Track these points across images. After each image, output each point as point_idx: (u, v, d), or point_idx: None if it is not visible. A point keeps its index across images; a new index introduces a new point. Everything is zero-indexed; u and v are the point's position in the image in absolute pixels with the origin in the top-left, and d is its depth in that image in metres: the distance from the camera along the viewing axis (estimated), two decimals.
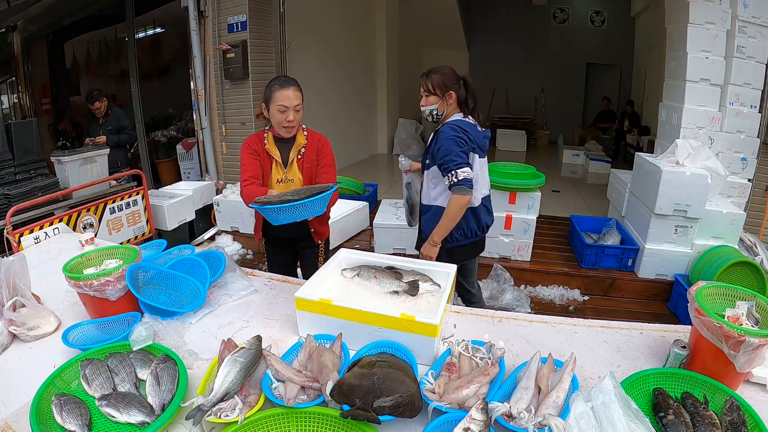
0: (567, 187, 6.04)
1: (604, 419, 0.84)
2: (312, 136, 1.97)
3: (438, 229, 1.92)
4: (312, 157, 1.95)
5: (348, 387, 1.01)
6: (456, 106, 1.96)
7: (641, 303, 3.24)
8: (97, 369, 1.13)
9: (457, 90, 1.93)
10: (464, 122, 1.92)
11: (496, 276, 3.32)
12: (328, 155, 1.99)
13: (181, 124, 5.91)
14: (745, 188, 3.47)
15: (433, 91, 1.92)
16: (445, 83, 1.91)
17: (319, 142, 1.97)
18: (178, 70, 5.49)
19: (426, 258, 1.96)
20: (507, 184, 3.32)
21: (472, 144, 1.91)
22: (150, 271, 1.53)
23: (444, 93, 1.92)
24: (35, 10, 5.62)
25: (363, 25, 7.20)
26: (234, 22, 4.24)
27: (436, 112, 1.95)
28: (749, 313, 1.12)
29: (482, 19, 9.36)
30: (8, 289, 1.38)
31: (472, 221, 2.04)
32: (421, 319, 1.19)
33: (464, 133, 1.87)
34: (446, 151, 1.83)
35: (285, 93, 1.80)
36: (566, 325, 1.45)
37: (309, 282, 1.42)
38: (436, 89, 1.92)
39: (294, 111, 1.82)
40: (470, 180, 1.82)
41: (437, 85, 1.91)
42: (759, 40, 3.39)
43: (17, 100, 6.02)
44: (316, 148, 1.95)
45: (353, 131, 7.17)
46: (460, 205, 1.85)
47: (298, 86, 1.86)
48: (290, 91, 1.81)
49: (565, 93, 9.54)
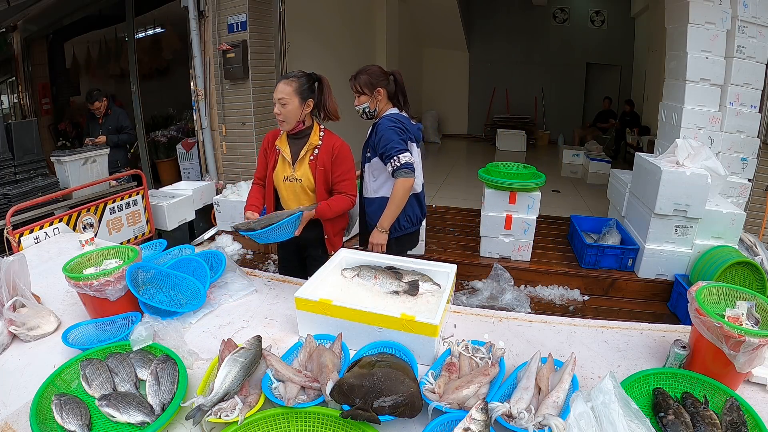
0: (567, 187, 6.03)
1: (604, 419, 0.84)
2: (328, 138, 1.89)
3: (386, 215, 1.97)
4: (326, 160, 1.86)
5: (348, 387, 1.01)
6: (387, 101, 2.06)
7: (641, 303, 3.24)
8: (97, 369, 1.13)
9: (385, 86, 2.03)
10: (400, 115, 2.04)
11: (496, 276, 3.32)
12: (346, 162, 1.89)
13: (181, 124, 5.90)
14: (745, 188, 3.47)
15: (362, 91, 2.03)
16: (372, 82, 2.01)
17: (336, 147, 1.88)
18: (178, 70, 5.50)
19: (376, 247, 1.98)
20: (507, 184, 3.32)
21: (409, 134, 2.02)
22: (150, 271, 1.53)
23: (372, 91, 2.02)
24: (35, 10, 5.62)
25: (363, 25, 7.20)
26: (234, 22, 4.24)
27: (368, 109, 2.05)
28: (749, 313, 1.12)
29: (482, 19, 9.36)
30: (8, 289, 1.38)
31: (416, 207, 2.13)
32: (421, 319, 1.19)
33: (401, 124, 1.99)
34: (387, 140, 1.93)
35: (276, 86, 1.81)
36: (566, 325, 1.45)
37: (309, 282, 1.42)
38: (364, 89, 2.02)
39: (279, 104, 1.79)
40: (412, 164, 1.92)
41: (365, 84, 2.01)
42: (759, 40, 3.39)
43: (17, 99, 6.01)
44: (331, 151, 1.87)
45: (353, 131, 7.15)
46: (406, 188, 1.93)
47: (290, 79, 1.80)
48: (280, 84, 1.79)
49: (565, 93, 9.54)
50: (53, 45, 6.26)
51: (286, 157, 1.89)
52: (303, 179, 1.88)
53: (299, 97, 1.79)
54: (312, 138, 1.87)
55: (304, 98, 1.81)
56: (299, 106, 1.80)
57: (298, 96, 1.79)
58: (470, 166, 7.27)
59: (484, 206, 3.54)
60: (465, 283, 3.47)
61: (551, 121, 9.71)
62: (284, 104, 1.78)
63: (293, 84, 1.79)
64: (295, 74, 1.82)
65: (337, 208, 1.89)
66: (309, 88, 1.82)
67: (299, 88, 1.79)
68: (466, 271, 3.50)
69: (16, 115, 5.98)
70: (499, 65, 9.64)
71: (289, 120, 1.82)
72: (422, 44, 9.60)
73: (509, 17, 9.27)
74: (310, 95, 1.83)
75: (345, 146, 1.91)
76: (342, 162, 1.88)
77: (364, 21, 7.21)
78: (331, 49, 6.19)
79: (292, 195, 1.93)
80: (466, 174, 6.66)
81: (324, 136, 1.89)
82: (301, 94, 1.80)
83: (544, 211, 3.72)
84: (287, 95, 1.78)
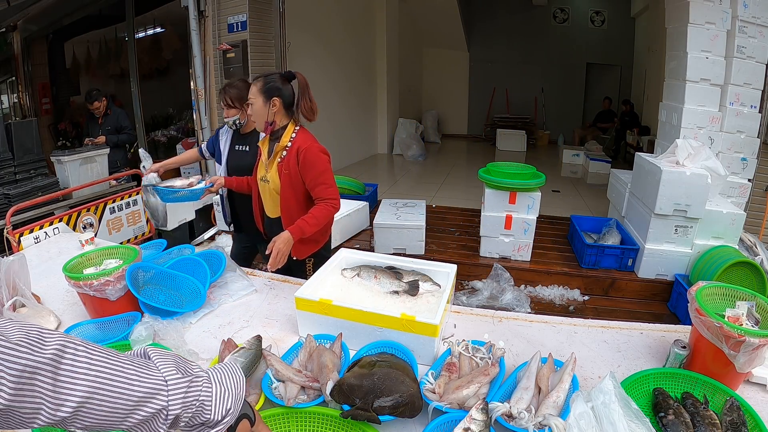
0: (567, 187, 6.04)
1: (604, 419, 0.84)
2: (297, 140, 1.78)
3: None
4: (291, 164, 1.77)
5: (348, 387, 1.01)
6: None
7: (641, 303, 3.24)
8: None
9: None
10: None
11: (496, 276, 3.32)
12: (316, 165, 1.76)
13: (181, 124, 5.90)
14: (745, 188, 3.47)
15: (232, 105, 2.13)
16: (243, 96, 2.08)
17: (300, 151, 1.75)
18: (178, 70, 5.49)
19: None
20: (507, 184, 3.32)
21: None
22: (150, 271, 1.53)
23: (243, 104, 2.09)
24: (35, 10, 5.62)
25: (363, 25, 7.20)
26: (234, 22, 4.24)
27: (239, 121, 2.18)
28: (749, 313, 1.12)
29: (482, 19, 9.37)
30: (8, 289, 1.38)
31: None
32: (421, 319, 1.19)
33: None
34: None
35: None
36: (566, 325, 1.45)
37: (309, 282, 1.42)
38: (235, 102, 2.13)
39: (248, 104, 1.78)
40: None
41: (235, 98, 2.12)
42: (759, 40, 3.39)
43: (17, 99, 6.02)
44: (296, 155, 1.76)
45: (353, 131, 7.17)
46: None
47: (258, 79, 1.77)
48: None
49: (565, 93, 9.55)
50: (53, 45, 6.26)
51: (263, 158, 1.87)
52: (271, 181, 1.85)
53: (263, 97, 1.74)
54: (283, 139, 1.79)
55: (268, 97, 1.74)
56: (263, 105, 1.75)
57: (262, 95, 1.74)
58: (470, 166, 7.27)
59: (484, 206, 3.54)
60: (465, 283, 3.47)
61: (551, 121, 9.72)
62: (251, 104, 1.77)
63: (258, 83, 1.75)
64: (264, 74, 1.80)
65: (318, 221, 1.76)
66: (274, 87, 1.74)
67: (263, 87, 1.74)
68: (466, 271, 3.50)
69: (16, 114, 5.99)
70: (499, 65, 9.65)
71: (257, 120, 1.79)
72: (422, 44, 9.60)
73: (509, 17, 9.28)
74: (275, 94, 1.75)
75: (312, 148, 1.76)
76: (311, 166, 1.76)
77: (364, 21, 7.21)
78: (331, 49, 6.19)
79: (267, 196, 1.92)
80: (466, 174, 6.66)
81: (295, 137, 1.79)
82: (266, 93, 1.74)
83: (544, 211, 3.72)
84: (252, 95, 1.76)
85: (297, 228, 1.73)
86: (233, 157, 2.25)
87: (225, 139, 2.29)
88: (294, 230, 1.72)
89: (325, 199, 1.79)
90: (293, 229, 1.72)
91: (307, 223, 1.74)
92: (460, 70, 9.88)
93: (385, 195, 5.31)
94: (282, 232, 1.72)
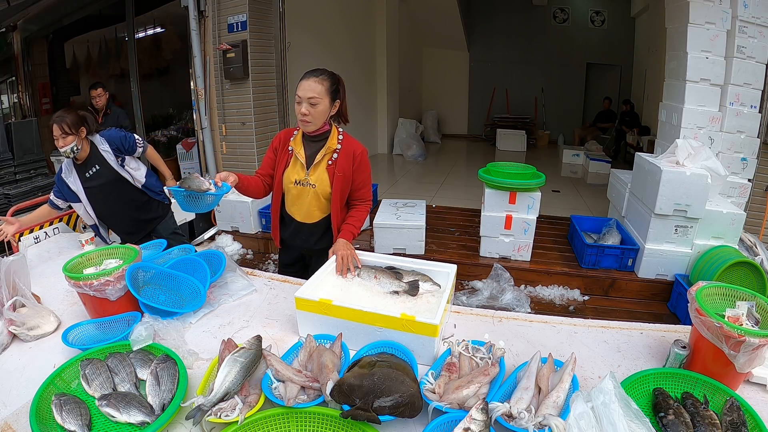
0: (567, 187, 6.04)
1: (604, 419, 0.84)
2: (348, 143, 1.77)
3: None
4: (346, 166, 1.75)
5: (348, 387, 1.01)
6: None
7: (641, 303, 3.24)
8: (97, 369, 1.13)
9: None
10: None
11: (496, 276, 3.32)
12: (366, 170, 1.80)
13: (181, 124, 5.91)
14: (745, 188, 3.47)
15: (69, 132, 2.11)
16: (78, 122, 2.14)
17: (357, 153, 1.77)
18: (178, 70, 5.49)
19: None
20: (507, 184, 3.32)
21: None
22: (150, 271, 1.53)
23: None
24: (35, 10, 5.62)
25: (363, 25, 7.20)
26: (234, 22, 4.24)
27: (75, 148, 2.15)
28: (749, 313, 1.12)
29: (482, 19, 9.37)
30: (8, 289, 1.38)
31: None
32: (421, 319, 1.19)
33: None
34: None
35: (303, 83, 1.65)
36: (566, 325, 1.45)
37: (309, 282, 1.42)
38: (72, 129, 2.12)
39: (308, 103, 1.63)
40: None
41: (73, 124, 2.12)
42: (759, 40, 3.39)
43: (17, 99, 6.01)
44: (351, 157, 1.75)
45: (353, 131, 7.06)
46: None
47: (323, 77, 1.66)
48: (309, 82, 1.64)
49: (565, 93, 9.55)
50: (53, 45, 6.26)
51: (300, 159, 1.75)
52: (318, 185, 1.76)
53: (329, 98, 1.67)
54: (330, 141, 1.74)
55: (333, 99, 1.69)
56: (329, 107, 1.68)
57: (329, 96, 1.67)
58: (470, 166, 7.27)
59: (484, 206, 3.54)
60: (465, 283, 3.47)
61: (551, 121, 9.72)
62: (315, 104, 1.64)
63: (325, 83, 1.65)
64: (324, 73, 1.68)
65: (362, 223, 1.82)
66: (337, 89, 1.71)
67: (330, 87, 1.67)
68: (466, 271, 3.50)
69: (16, 114, 5.98)
70: (499, 65, 9.65)
71: (316, 121, 1.68)
72: (422, 44, 9.60)
73: (509, 17, 9.28)
74: (337, 96, 1.72)
75: (365, 151, 1.81)
76: (364, 168, 1.80)
77: (364, 21, 7.21)
78: (331, 49, 6.19)
79: (302, 200, 1.81)
80: (466, 174, 6.66)
81: (343, 140, 1.77)
82: (332, 95, 1.68)
83: (544, 211, 3.72)
84: (319, 95, 1.64)
85: (348, 233, 1.75)
86: (91, 185, 2.26)
87: (72, 178, 2.24)
88: (347, 235, 1.74)
89: (366, 201, 1.85)
90: (346, 235, 1.74)
91: (355, 227, 1.79)
92: (460, 70, 9.87)
93: (385, 195, 5.31)
94: (337, 241, 1.70)
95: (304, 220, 1.85)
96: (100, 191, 2.26)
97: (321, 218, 1.84)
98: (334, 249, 1.65)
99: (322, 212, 1.83)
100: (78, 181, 2.24)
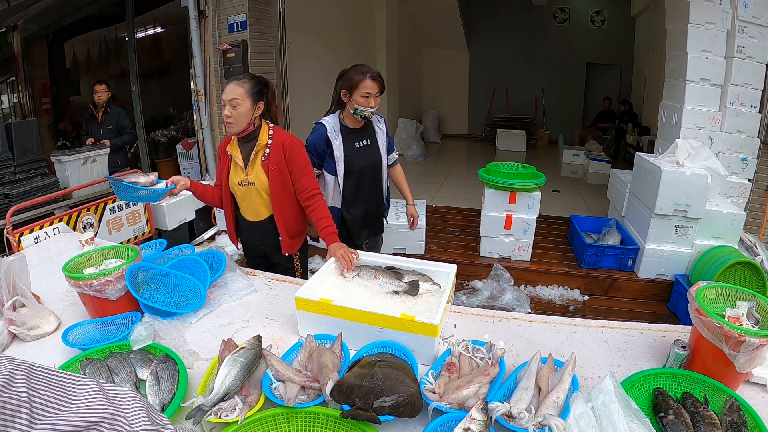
0: (567, 187, 6.03)
1: (604, 419, 0.84)
2: (278, 137, 1.82)
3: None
4: (278, 159, 1.80)
5: (348, 387, 1.01)
6: None
7: (641, 303, 3.24)
8: (97, 369, 1.13)
9: None
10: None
11: (496, 276, 3.32)
12: (301, 157, 1.84)
13: (181, 124, 5.90)
14: (745, 188, 3.47)
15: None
16: None
17: (285, 145, 1.81)
18: (178, 69, 5.49)
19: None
20: (507, 184, 3.32)
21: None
22: (150, 271, 1.53)
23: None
24: (35, 10, 5.62)
25: (363, 25, 7.20)
26: (234, 22, 4.24)
27: None
28: (749, 313, 1.12)
29: (482, 19, 9.36)
30: (8, 289, 1.38)
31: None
32: (421, 319, 1.19)
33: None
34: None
35: (225, 87, 1.73)
36: (566, 325, 1.45)
37: (309, 282, 1.42)
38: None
39: (230, 105, 1.71)
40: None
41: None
42: (759, 40, 3.39)
43: (17, 99, 6.01)
44: (281, 150, 1.80)
45: None
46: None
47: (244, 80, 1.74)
48: (230, 85, 1.72)
49: (565, 93, 9.54)
50: (53, 45, 6.26)
51: (238, 161, 1.83)
52: (257, 182, 1.82)
53: (251, 99, 1.74)
54: (261, 138, 1.80)
55: (256, 100, 1.75)
56: (251, 108, 1.74)
57: (250, 98, 1.73)
58: (470, 166, 7.27)
59: (484, 206, 3.54)
60: (465, 283, 3.47)
61: (551, 121, 9.71)
62: (235, 106, 1.71)
63: (246, 85, 1.73)
64: (246, 76, 1.77)
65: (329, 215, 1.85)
66: (259, 91, 1.77)
67: (251, 89, 1.74)
68: (466, 271, 3.50)
69: (16, 114, 5.98)
70: (499, 65, 9.65)
71: (239, 123, 1.74)
72: (422, 44, 9.60)
73: (509, 17, 9.27)
74: (261, 98, 1.78)
75: (296, 141, 1.84)
76: (297, 158, 1.83)
77: (364, 21, 7.21)
78: (331, 49, 6.19)
79: (248, 199, 1.88)
80: (466, 174, 6.66)
81: (273, 134, 1.82)
82: (254, 96, 1.74)
83: (544, 211, 3.72)
84: (239, 96, 1.71)
85: (332, 235, 1.77)
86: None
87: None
88: (333, 238, 1.75)
89: (314, 190, 1.86)
90: (331, 238, 1.75)
91: (330, 226, 1.81)
92: (460, 70, 9.87)
93: None
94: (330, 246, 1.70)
95: (254, 219, 1.92)
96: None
97: (269, 215, 1.90)
98: (331, 253, 1.67)
99: (269, 209, 1.89)
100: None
